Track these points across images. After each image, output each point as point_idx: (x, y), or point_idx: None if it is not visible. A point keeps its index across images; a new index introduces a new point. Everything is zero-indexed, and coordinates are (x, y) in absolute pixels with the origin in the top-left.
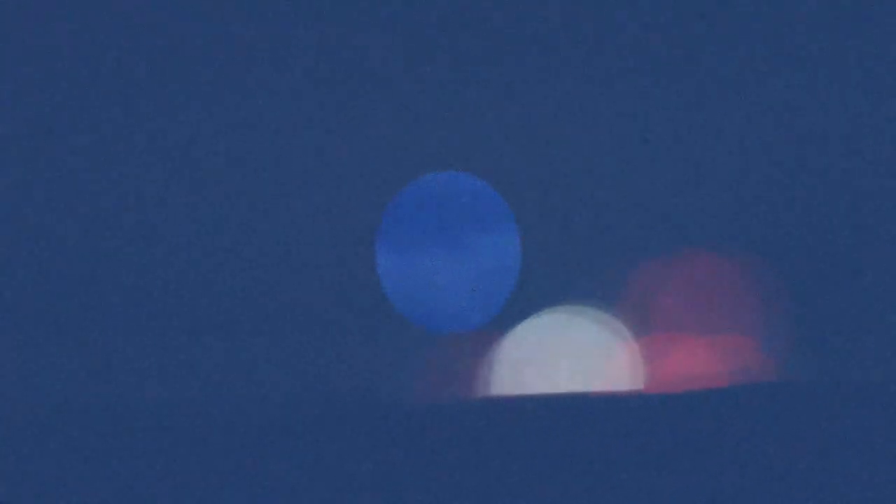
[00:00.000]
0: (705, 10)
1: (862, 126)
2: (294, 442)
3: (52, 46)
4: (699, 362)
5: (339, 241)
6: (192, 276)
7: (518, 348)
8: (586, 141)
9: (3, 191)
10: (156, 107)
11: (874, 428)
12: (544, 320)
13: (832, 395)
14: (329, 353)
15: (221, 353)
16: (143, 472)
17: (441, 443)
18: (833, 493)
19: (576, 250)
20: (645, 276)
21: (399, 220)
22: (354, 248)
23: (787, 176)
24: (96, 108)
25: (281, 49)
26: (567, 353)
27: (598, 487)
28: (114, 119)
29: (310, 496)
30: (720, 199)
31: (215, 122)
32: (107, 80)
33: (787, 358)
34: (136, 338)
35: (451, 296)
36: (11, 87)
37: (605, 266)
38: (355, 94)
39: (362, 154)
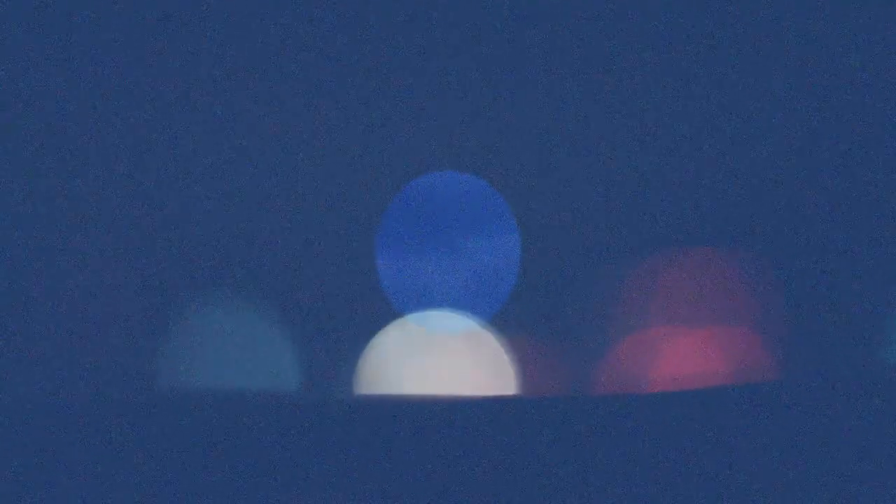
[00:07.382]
0: (704, 11)
1: (860, 118)
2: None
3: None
4: (700, 358)
5: (339, 241)
6: (193, 274)
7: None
8: (586, 141)
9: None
10: (154, 107)
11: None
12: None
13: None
14: (329, 352)
15: (221, 352)
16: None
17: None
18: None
19: (575, 250)
20: (644, 275)
21: (399, 220)
22: (354, 248)
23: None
24: (91, 104)
25: (281, 49)
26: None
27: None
28: (109, 118)
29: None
30: (719, 199)
31: (216, 122)
32: (104, 78)
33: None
34: (135, 336)
35: (451, 296)
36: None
37: (605, 265)
38: (356, 94)
39: (362, 154)
